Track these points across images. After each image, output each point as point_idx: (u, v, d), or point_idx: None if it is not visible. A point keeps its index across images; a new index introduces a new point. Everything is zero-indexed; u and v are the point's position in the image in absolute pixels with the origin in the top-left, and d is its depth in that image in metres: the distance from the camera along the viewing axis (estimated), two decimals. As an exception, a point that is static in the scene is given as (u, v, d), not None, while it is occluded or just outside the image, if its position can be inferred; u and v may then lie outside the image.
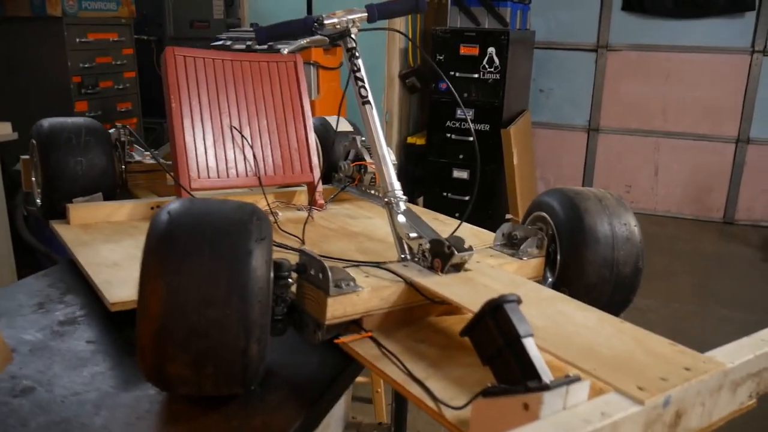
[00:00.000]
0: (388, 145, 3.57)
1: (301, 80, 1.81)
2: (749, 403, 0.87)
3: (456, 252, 1.03)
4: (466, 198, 3.57)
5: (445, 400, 0.81)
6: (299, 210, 1.76)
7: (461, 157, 3.50)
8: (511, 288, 1.02)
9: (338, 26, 1.27)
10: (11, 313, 1.16)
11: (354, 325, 0.99)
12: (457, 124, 3.46)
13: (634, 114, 5.25)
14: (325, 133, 1.99)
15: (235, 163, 1.65)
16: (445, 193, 3.59)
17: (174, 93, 1.59)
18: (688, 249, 4.63)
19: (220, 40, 2.97)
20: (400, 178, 1.73)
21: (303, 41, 1.32)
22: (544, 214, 1.28)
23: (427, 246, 1.07)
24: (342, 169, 1.86)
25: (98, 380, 0.97)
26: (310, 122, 1.80)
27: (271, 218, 1.63)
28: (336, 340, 0.95)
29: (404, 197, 1.20)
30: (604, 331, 0.88)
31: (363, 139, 1.89)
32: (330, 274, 0.93)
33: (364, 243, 1.50)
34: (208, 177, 1.60)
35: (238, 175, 1.65)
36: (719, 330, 3.36)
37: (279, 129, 1.74)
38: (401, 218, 1.14)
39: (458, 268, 1.06)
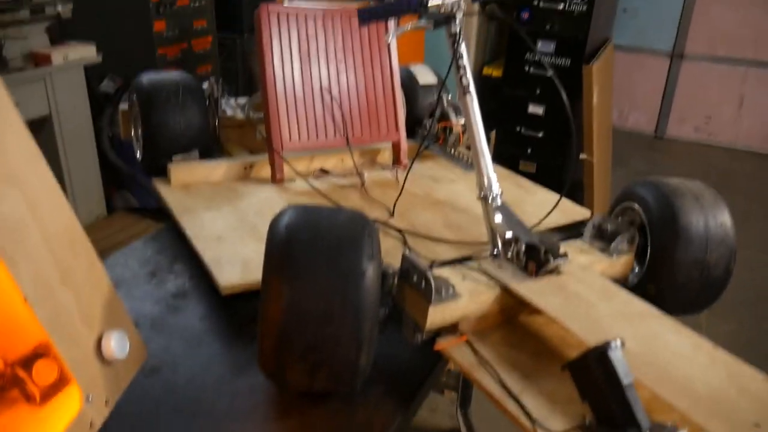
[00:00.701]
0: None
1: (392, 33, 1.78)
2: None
3: (552, 259, 1.06)
4: (540, 134, 3.50)
5: (540, 420, 0.87)
6: (384, 169, 1.79)
7: (538, 91, 3.40)
8: (604, 299, 1.05)
9: (443, 9, 1.24)
10: (128, 283, 1.27)
11: (450, 327, 1.05)
12: (538, 57, 3.34)
13: (724, 41, 4.92)
14: (410, 85, 1.98)
15: (324, 123, 1.68)
16: (518, 128, 3.52)
17: (267, 53, 1.60)
18: (766, 190, 4.45)
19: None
20: None
21: (407, 26, 1.30)
22: (636, 206, 1.28)
23: (523, 249, 1.09)
24: (427, 127, 1.86)
25: (215, 363, 1.07)
26: (398, 80, 1.79)
27: (357, 180, 1.67)
28: (436, 347, 1.01)
29: (501, 192, 1.21)
30: (697, 360, 0.91)
31: (449, 97, 1.88)
32: (432, 283, 0.97)
33: (450, 215, 1.54)
34: (299, 139, 1.64)
35: (326, 136, 1.68)
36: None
37: (367, 86, 1.74)
38: (498, 217, 1.16)
39: (552, 272, 1.09)
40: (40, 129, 3.09)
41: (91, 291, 0.84)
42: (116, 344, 0.83)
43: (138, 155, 1.71)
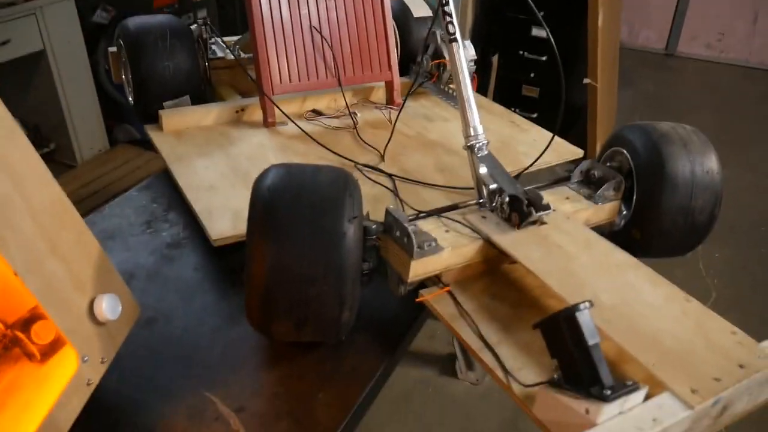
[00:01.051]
0: (465, 3, 3.38)
1: (382, -33, 1.73)
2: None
3: (534, 212, 1.07)
4: (543, 58, 3.42)
5: (513, 371, 0.92)
6: (377, 108, 1.78)
7: (542, 13, 3.29)
8: (584, 250, 1.07)
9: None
10: (124, 233, 1.31)
11: (433, 277, 1.08)
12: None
13: (741, -49, 4.70)
14: (403, 19, 1.94)
15: (315, 63, 1.66)
16: (521, 52, 3.44)
17: (254, -6, 1.56)
18: (776, 111, 4.37)
19: None
20: (475, 35, 1.59)
21: None
22: (624, 150, 1.28)
23: (507, 200, 1.11)
24: (422, 64, 1.83)
25: (208, 313, 1.12)
26: (389, 16, 1.75)
27: (350, 121, 1.67)
28: (417, 299, 1.05)
29: (486, 141, 1.21)
30: (669, 313, 0.94)
31: (443, 32, 1.84)
32: (414, 238, 1.00)
33: (442, 157, 1.55)
34: (290, 81, 1.63)
35: (318, 77, 1.67)
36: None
37: (358, 24, 1.71)
38: (483, 168, 1.17)
39: (534, 223, 1.10)
40: (36, 64, 3.06)
41: (81, 258, 0.87)
42: (108, 306, 0.87)
43: (130, 100, 1.71)
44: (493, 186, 1.15)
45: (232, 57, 1.76)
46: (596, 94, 3.28)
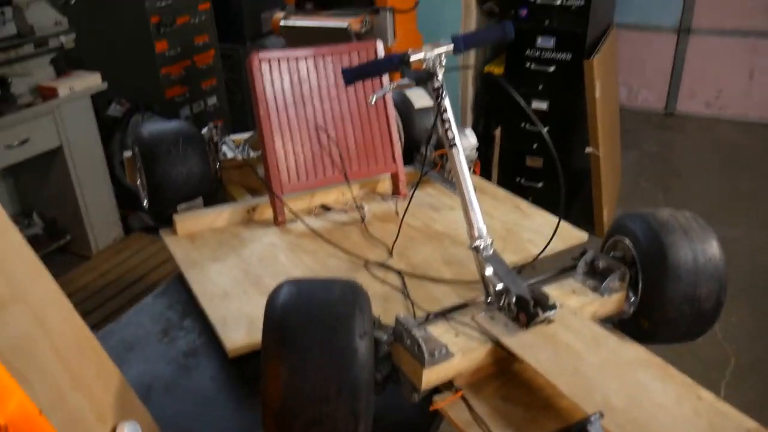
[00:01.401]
0: (461, 75, 3.49)
1: (382, 67, 1.81)
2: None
3: (541, 313, 1.10)
4: (545, 129, 3.49)
5: (530, 481, 0.92)
6: (384, 200, 1.83)
7: (540, 87, 3.40)
8: (593, 347, 1.08)
9: (424, 64, 1.27)
10: (142, 343, 1.34)
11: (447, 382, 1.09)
12: (537, 53, 3.32)
13: (731, 13, 4.83)
14: (405, 110, 2.01)
15: (322, 161, 1.72)
16: (523, 124, 3.53)
17: (261, 100, 1.64)
18: (778, 164, 4.40)
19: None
20: (477, 108, 1.61)
21: (390, 86, 1.33)
22: (626, 240, 1.31)
23: (514, 300, 1.13)
24: (425, 155, 1.90)
25: (226, 427, 1.13)
26: (392, 111, 1.82)
27: (357, 215, 1.71)
28: (432, 408, 1.06)
29: (491, 241, 1.25)
30: (681, 413, 0.95)
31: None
32: (425, 347, 1.02)
33: (449, 249, 1.58)
34: (298, 180, 1.69)
35: (325, 174, 1.73)
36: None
37: (362, 120, 1.77)
38: (489, 269, 1.20)
39: (542, 322, 1.12)
40: (52, 160, 3.17)
41: (102, 387, 0.90)
42: (129, 435, 0.89)
43: (144, 203, 1.77)
44: (500, 286, 1.17)
45: (241, 157, 1.83)
46: (599, 162, 3.33)
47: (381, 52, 1.79)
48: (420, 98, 2.04)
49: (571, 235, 1.63)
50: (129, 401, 0.94)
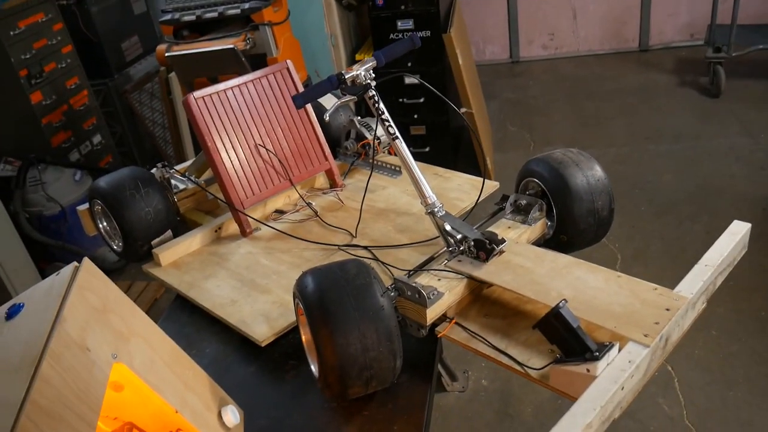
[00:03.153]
0: (338, 66, 3.81)
1: (296, 80, 2.08)
2: (702, 308, 1.36)
3: (495, 248, 1.45)
4: (421, 100, 3.89)
5: (526, 363, 1.28)
6: (325, 194, 2.11)
7: (409, 64, 3.77)
8: (538, 263, 1.45)
9: (358, 79, 1.56)
10: (176, 360, 1.55)
11: (440, 316, 1.42)
12: (400, 35, 3.69)
13: (546, -37, 5.47)
14: (319, 115, 2.28)
15: (269, 173, 1.97)
16: (401, 99, 3.89)
17: (207, 133, 1.86)
18: (613, 87, 5.13)
19: (167, 13, 3.05)
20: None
21: (337, 102, 1.61)
22: (536, 180, 1.69)
23: (472, 244, 1.48)
24: (348, 148, 2.19)
25: (279, 399, 1.39)
26: (314, 116, 2.09)
27: (309, 211, 1.99)
28: (438, 335, 1.39)
29: (441, 204, 1.58)
30: (611, 289, 1.34)
31: (359, 118, 2.21)
32: (424, 293, 1.34)
33: (396, 220, 1.90)
34: (252, 194, 1.93)
35: (273, 183, 1.98)
36: (653, 166, 3.95)
37: (292, 132, 2.04)
38: (447, 225, 1.53)
39: (497, 254, 1.48)
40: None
41: (201, 386, 1.14)
42: (232, 415, 1.15)
43: (115, 247, 1.93)
44: (458, 236, 1.51)
45: (191, 185, 2.03)
46: (473, 118, 3.78)
47: (294, 72, 2.05)
48: (328, 101, 2.32)
49: (487, 185, 2.00)
50: (220, 392, 1.19)
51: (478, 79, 4.42)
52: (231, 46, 2.86)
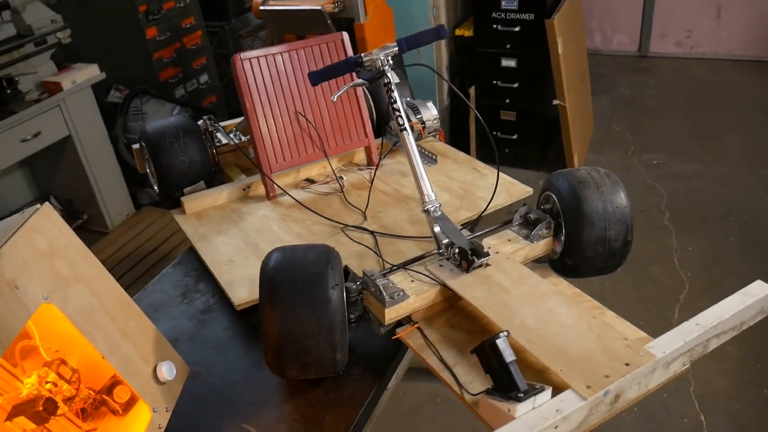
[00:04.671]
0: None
1: (349, 53, 2.07)
2: (683, 369, 1.25)
3: (476, 260, 1.40)
4: (515, 85, 3.75)
5: (466, 385, 1.24)
6: (360, 170, 2.12)
7: (508, 46, 3.63)
8: (518, 284, 1.39)
9: (375, 63, 1.54)
10: (166, 305, 1.65)
11: (406, 317, 1.41)
12: (503, 15, 3.55)
13: (697, -46, 4.99)
14: (375, 87, 2.27)
15: (303, 141, 2.01)
16: (495, 81, 3.77)
17: (247, 95, 1.91)
18: (743, 100, 4.64)
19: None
20: (452, 67, 1.82)
21: (347, 86, 1.60)
22: (552, 195, 1.60)
23: (457, 251, 1.44)
24: (392, 128, 2.18)
25: (239, 364, 1.46)
26: (361, 92, 2.09)
27: (337, 185, 2.01)
28: (394, 337, 1.38)
29: (438, 204, 1.54)
30: (578, 329, 1.26)
31: (408, 99, 2.18)
32: (384, 292, 1.33)
33: (415, 210, 1.88)
34: (284, 159, 1.98)
35: (307, 152, 2.01)
36: (757, 195, 3.56)
37: (336, 103, 2.05)
38: (437, 227, 1.49)
39: (480, 266, 1.43)
40: (63, 148, 3.45)
41: (143, 338, 1.22)
42: (167, 370, 1.21)
43: (155, 188, 2.06)
44: (446, 241, 1.47)
45: (234, 143, 2.11)
46: (566, 112, 3.59)
47: (347, 42, 2.05)
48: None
49: (518, 190, 1.92)
50: (163, 347, 1.26)
51: (586, 71, 4.18)
52: (318, 7, 2.90)
